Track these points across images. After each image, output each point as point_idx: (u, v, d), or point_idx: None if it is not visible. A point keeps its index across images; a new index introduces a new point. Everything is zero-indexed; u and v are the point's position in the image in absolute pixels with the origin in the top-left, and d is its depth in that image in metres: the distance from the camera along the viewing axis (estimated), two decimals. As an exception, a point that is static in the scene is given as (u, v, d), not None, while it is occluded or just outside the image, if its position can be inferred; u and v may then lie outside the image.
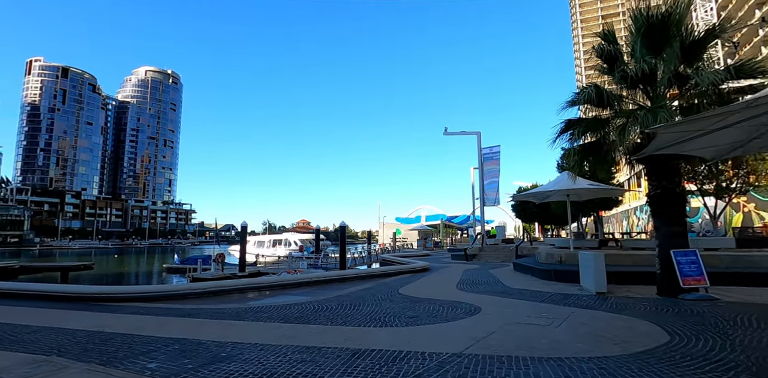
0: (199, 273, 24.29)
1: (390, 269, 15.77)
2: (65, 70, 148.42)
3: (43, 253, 66.76)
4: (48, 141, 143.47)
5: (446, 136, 25.46)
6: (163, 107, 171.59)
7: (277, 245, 43.00)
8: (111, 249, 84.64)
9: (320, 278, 12.42)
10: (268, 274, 26.15)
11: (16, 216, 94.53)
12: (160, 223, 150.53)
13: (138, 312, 7.56)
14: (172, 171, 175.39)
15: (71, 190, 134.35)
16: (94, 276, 27.57)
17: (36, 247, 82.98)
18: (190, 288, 9.30)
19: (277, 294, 10.60)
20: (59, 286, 9.02)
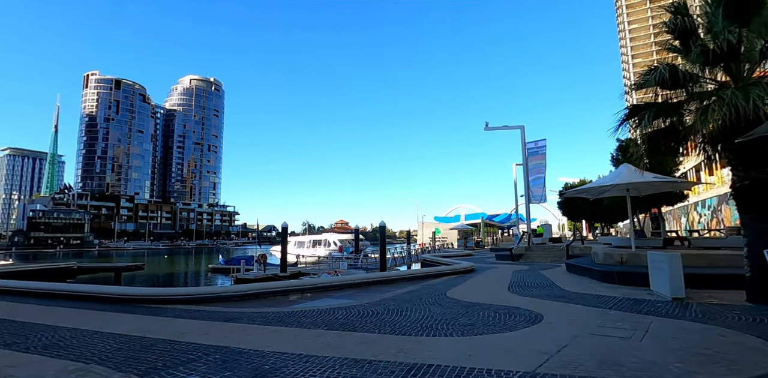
0: (243, 273, 24.69)
1: (434, 270, 15.15)
2: (118, 82, 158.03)
3: (102, 254, 71.24)
4: (104, 149, 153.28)
5: (488, 131, 24.48)
6: (206, 114, 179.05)
7: (317, 245, 43.36)
8: (162, 250, 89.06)
9: (363, 280, 12.01)
10: (308, 274, 26.21)
11: (78, 219, 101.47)
12: (206, 224, 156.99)
13: (181, 315, 7.42)
14: (216, 174, 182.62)
15: (125, 195, 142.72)
16: (145, 276, 28.78)
17: (95, 248, 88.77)
18: (233, 290, 9.14)
19: (320, 296, 10.28)
20: (109, 288, 9.12)
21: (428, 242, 51.01)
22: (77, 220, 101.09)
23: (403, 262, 31.30)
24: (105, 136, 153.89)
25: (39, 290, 10.04)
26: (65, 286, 9.81)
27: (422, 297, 9.23)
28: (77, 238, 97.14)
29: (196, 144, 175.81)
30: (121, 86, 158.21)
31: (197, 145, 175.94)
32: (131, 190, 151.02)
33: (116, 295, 8.89)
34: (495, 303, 8.09)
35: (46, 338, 5.67)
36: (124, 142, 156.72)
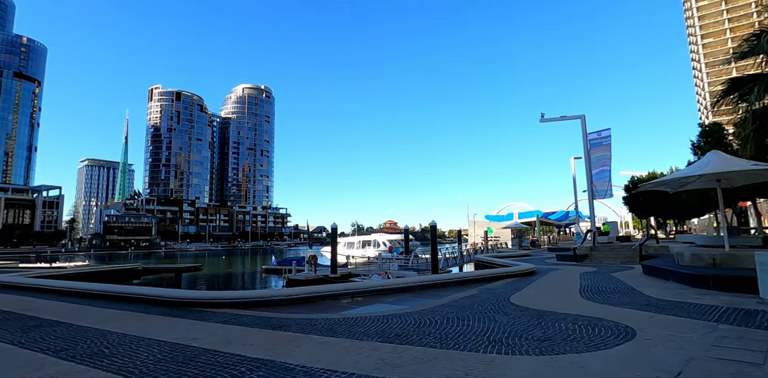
0: (294, 274, 24.83)
1: (491, 273, 14.12)
2: (178, 94, 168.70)
3: (167, 255, 75.97)
4: (168, 157, 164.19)
5: (544, 123, 22.84)
6: (258, 120, 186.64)
7: (366, 246, 43.20)
8: (220, 251, 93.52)
9: (416, 284, 11.30)
10: (359, 275, 25.92)
11: (146, 223, 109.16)
12: (260, 226, 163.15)
13: (229, 321, 7.12)
14: (268, 178, 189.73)
15: (187, 199, 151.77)
16: (204, 276, 29.94)
17: (162, 249, 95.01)
18: (282, 294, 8.82)
19: (372, 301, 9.71)
20: (164, 291, 9.12)
21: (480, 242, 49.28)
22: (146, 224, 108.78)
23: (455, 262, 30.22)
24: (168, 145, 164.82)
25: (103, 292, 10.30)
26: (126, 288, 9.97)
27: (483, 303, 8.37)
28: (146, 240, 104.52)
29: (250, 149, 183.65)
30: (181, 98, 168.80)
31: (251, 151, 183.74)
32: (192, 195, 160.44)
33: (170, 299, 8.84)
34: (570, 312, 7.08)
35: (95, 345, 5.51)
36: (185, 150, 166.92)
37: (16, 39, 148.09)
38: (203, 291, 8.73)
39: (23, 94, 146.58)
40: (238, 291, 9.12)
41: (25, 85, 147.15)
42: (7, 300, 10.21)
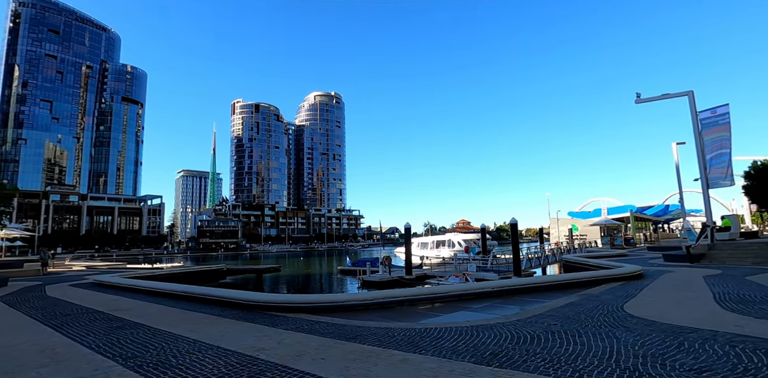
0: (368, 275, 24.48)
1: (588, 276, 12.33)
2: (257, 106, 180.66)
3: (252, 256, 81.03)
4: (250, 165, 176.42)
5: (640, 103, 19.97)
6: (330, 125, 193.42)
7: (440, 246, 41.89)
8: (299, 252, 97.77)
9: (501, 288, 10.04)
10: (435, 277, 24.84)
11: (233, 227, 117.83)
12: (335, 228, 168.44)
13: (301, 328, 6.56)
14: (341, 181, 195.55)
15: (268, 204, 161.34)
16: (283, 277, 30.87)
17: (247, 251, 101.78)
18: (357, 299, 8.15)
19: (454, 308, 8.69)
20: (239, 294, 8.94)
21: (564, 241, 45.50)
22: (232, 228, 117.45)
23: (538, 263, 27.84)
24: (250, 154, 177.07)
25: (185, 293, 10.48)
26: (205, 290, 10.02)
27: (591, 313, 6.96)
28: (233, 242, 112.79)
29: (323, 154, 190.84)
30: (259, 109, 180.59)
31: (324, 156, 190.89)
32: (272, 200, 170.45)
33: (244, 301, 8.62)
34: (718, 328, 5.48)
35: (164, 352, 5.20)
36: (265, 158, 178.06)
37: (122, 68, 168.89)
38: (277, 294, 8.39)
39: (129, 116, 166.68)
40: (311, 295, 8.61)
41: (130, 107, 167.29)
42: (102, 299, 10.80)
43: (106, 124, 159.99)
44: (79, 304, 9.87)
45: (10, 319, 8.05)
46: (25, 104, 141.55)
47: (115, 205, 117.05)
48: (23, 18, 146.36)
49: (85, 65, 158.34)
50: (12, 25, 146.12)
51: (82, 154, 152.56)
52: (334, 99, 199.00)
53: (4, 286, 15.25)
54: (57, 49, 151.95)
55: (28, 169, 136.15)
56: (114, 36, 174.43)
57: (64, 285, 15.41)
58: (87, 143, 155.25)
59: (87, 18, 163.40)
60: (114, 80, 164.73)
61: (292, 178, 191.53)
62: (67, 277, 19.74)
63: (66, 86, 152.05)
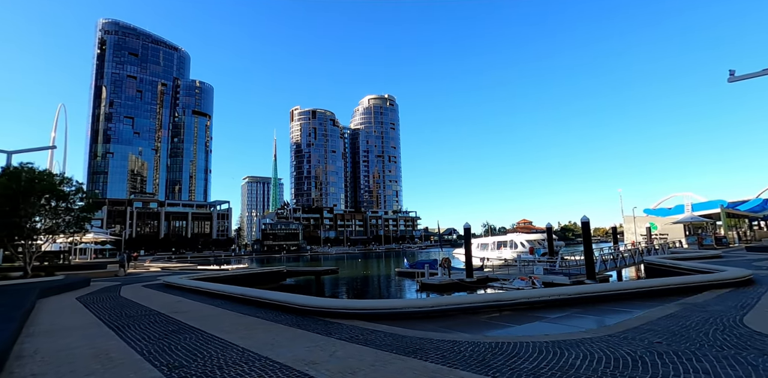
0: (427, 278, 23.67)
1: (684, 281, 10.65)
2: (314, 112, 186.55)
3: (312, 258, 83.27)
4: (308, 170, 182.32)
5: (733, 82, 17.36)
6: (384, 128, 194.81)
7: (501, 247, 39.99)
8: (357, 254, 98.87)
9: (581, 294, 8.82)
10: (497, 280, 23.47)
11: (294, 230, 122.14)
12: (392, 229, 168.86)
13: (356, 337, 5.99)
14: (397, 183, 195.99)
15: (326, 207, 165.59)
16: (341, 279, 30.93)
17: (307, 253, 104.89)
18: (416, 305, 7.44)
19: (526, 317, 7.70)
20: (294, 298, 8.62)
21: (641, 240, 41.48)
22: (294, 230, 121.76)
23: (614, 265, 25.36)
24: (308, 159, 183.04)
25: (243, 296, 10.42)
26: (262, 293, 9.87)
27: (702, 329, 5.70)
28: (294, 244, 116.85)
29: (378, 157, 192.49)
30: (316, 115, 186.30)
31: (379, 158, 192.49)
32: (330, 203, 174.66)
33: (299, 306, 8.26)
34: None
35: (211, 362, 4.86)
36: (322, 163, 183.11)
37: (192, 83, 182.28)
38: (332, 299, 7.94)
39: (199, 127, 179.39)
40: (367, 301, 8.05)
41: (200, 119, 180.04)
42: (167, 301, 11.05)
43: (179, 136, 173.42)
44: (145, 306, 10.12)
45: (80, 319, 8.32)
46: (111, 121, 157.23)
47: (189, 210, 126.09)
48: (108, 44, 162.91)
49: (160, 83, 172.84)
50: (99, 51, 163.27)
51: (159, 164, 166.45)
52: (387, 101, 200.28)
53: (87, 286, 16.41)
54: (136, 70, 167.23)
55: (115, 180, 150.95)
56: (184, 54, 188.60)
57: (138, 285, 16.27)
58: (163, 154, 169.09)
59: (161, 40, 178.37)
60: (185, 95, 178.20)
61: (348, 181, 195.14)
62: (143, 278, 21.03)
63: (145, 103, 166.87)
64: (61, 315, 9.03)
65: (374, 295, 23.98)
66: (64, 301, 11.44)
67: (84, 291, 14.55)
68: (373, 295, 23.72)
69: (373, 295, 24.04)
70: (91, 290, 14.86)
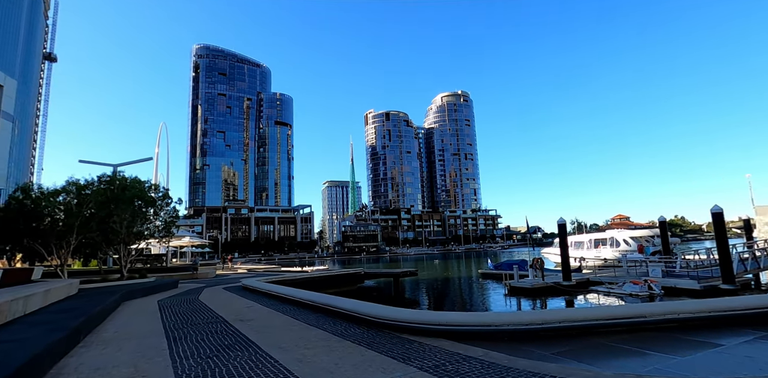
0: (517, 281, 21.19)
1: None
2: (387, 115, 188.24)
3: (391, 259, 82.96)
4: (384, 172, 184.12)
5: None
6: (459, 125, 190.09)
7: (599, 245, 35.50)
8: (436, 254, 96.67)
9: (762, 307, 6.28)
10: (602, 283, 20.25)
11: (372, 231, 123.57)
12: (471, 229, 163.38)
13: (443, 367, 4.46)
14: (475, 181, 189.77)
15: (404, 208, 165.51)
16: (420, 281, 29.40)
17: (386, 254, 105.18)
18: (520, 322, 5.63)
19: (681, 343, 5.51)
20: (366, 308, 7.37)
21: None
22: (372, 232, 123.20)
23: (756, 266, 20.56)
24: (384, 161, 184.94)
25: (312, 302, 9.45)
26: (331, 300, 8.78)
27: None
28: (374, 246, 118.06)
29: (454, 155, 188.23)
30: (389, 117, 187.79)
31: (455, 156, 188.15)
32: (407, 204, 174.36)
33: (372, 318, 6.95)
34: None
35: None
36: (398, 164, 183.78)
37: (273, 96, 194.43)
38: (411, 311, 6.51)
39: (281, 137, 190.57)
40: (456, 314, 6.45)
41: (282, 129, 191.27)
42: (238, 306, 10.47)
43: (264, 146, 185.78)
44: (214, 312, 9.58)
45: (145, 326, 7.86)
46: (206, 136, 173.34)
47: (275, 215, 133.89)
48: (201, 67, 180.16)
49: (246, 98, 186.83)
50: (194, 74, 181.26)
51: (248, 173, 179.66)
52: (461, 98, 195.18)
53: (175, 288, 16.91)
54: (225, 88, 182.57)
55: (212, 189, 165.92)
56: (266, 70, 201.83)
57: (219, 288, 16.35)
58: (251, 164, 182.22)
59: (245, 58, 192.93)
60: (268, 107, 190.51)
61: (425, 181, 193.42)
62: (228, 280, 21.53)
63: (233, 118, 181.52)
64: (131, 320, 8.75)
65: (457, 298, 22.12)
66: (144, 304, 11.46)
67: (169, 293, 14.84)
68: (456, 299, 21.87)
69: (456, 298, 22.19)
70: (176, 292, 15.15)
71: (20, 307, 6.80)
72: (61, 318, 6.60)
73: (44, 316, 6.86)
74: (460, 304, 19.90)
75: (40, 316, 7.00)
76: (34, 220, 12.91)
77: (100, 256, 17.62)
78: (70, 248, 14.14)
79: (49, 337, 5.00)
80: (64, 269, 14.23)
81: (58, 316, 6.85)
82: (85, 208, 14.25)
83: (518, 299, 19.33)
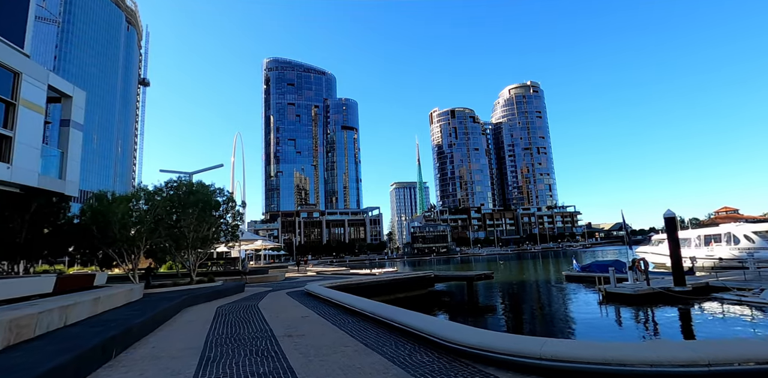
0: (614, 286, 18.13)
1: None
2: (452, 112, 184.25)
3: (462, 260, 79.74)
4: (452, 170, 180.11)
5: None
6: (529, 118, 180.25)
7: (712, 243, 30.20)
8: (510, 255, 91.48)
9: None
10: (728, 289, 16.53)
11: (442, 231, 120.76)
12: (547, 227, 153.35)
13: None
14: (549, 176, 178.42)
15: (473, 207, 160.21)
16: (497, 285, 26.92)
17: (457, 255, 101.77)
18: (674, 361, 3.66)
19: None
20: (435, 327, 5.89)
21: None
22: (442, 232, 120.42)
23: None
24: (450, 159, 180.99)
25: (374, 315, 8.10)
26: (395, 315, 7.40)
27: None
28: (444, 246, 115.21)
29: (525, 149, 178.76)
30: (455, 114, 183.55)
31: (526, 151, 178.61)
32: (477, 202, 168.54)
33: (448, 342, 5.37)
34: None
35: None
36: (465, 162, 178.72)
37: (339, 101, 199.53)
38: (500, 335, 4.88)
39: (348, 141, 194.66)
40: (566, 343, 4.64)
41: (348, 133, 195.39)
42: (293, 316, 9.44)
43: (332, 151, 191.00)
44: (266, 323, 8.61)
45: (186, 341, 7.02)
46: (279, 145, 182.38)
47: (345, 218, 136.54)
48: (271, 79, 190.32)
49: (314, 105, 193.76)
50: (265, 86, 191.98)
51: (318, 178, 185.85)
52: (531, 89, 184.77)
53: (241, 292, 16.62)
54: (294, 97, 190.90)
55: (285, 194, 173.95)
56: (331, 77, 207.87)
57: (283, 293, 15.72)
58: (321, 169, 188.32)
59: (311, 67, 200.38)
60: (334, 113, 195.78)
61: (495, 179, 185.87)
62: (295, 283, 21.10)
63: (302, 125, 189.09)
64: (178, 331, 8.04)
65: (539, 307, 19.54)
66: (202, 311, 10.93)
67: (233, 298, 14.46)
68: (538, 308, 19.32)
69: (538, 307, 19.62)
70: (240, 297, 14.75)
71: (56, 318, 6.26)
72: (93, 332, 5.89)
73: (78, 329, 6.24)
74: (546, 313, 17.42)
75: (77, 328, 6.40)
76: (105, 227, 13.11)
77: (178, 260, 17.93)
78: (140, 253, 14.30)
79: (46, 364, 4.12)
80: (135, 274, 14.42)
81: (92, 329, 6.19)
82: (152, 213, 14.33)
83: (617, 308, 16.43)
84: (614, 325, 14.16)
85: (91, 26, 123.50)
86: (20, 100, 10.59)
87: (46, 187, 11.26)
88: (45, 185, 11.17)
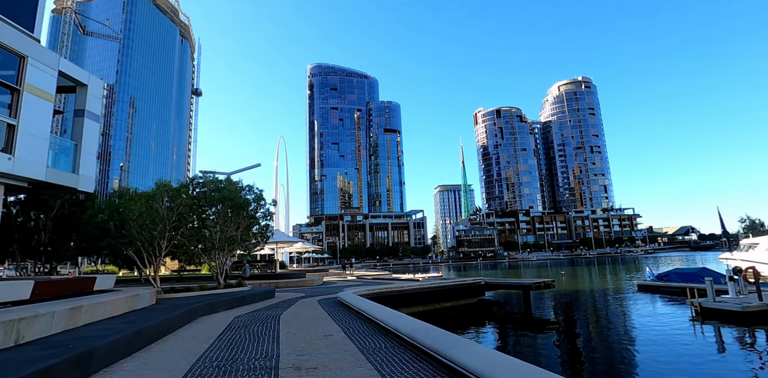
0: (712, 300, 14.91)
1: None
2: (498, 112, 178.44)
3: (511, 265, 75.24)
4: (498, 172, 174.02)
5: None
6: (581, 115, 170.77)
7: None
8: (562, 260, 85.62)
9: None
10: None
11: (488, 235, 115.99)
12: (603, 231, 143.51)
13: None
14: (604, 176, 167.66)
15: (521, 210, 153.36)
16: (558, 296, 23.90)
17: (505, 259, 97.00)
18: None
19: None
20: (498, 367, 3.69)
21: None
22: (488, 236, 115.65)
23: None
24: (497, 160, 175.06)
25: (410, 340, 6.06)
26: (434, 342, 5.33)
27: None
28: (490, 251, 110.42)
29: (577, 149, 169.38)
30: (500, 114, 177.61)
31: (578, 150, 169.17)
32: (525, 205, 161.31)
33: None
34: None
35: None
36: (512, 163, 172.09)
37: (381, 104, 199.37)
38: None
39: (391, 144, 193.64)
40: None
41: (391, 136, 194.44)
42: (313, 333, 7.63)
43: (375, 154, 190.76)
44: (277, 344, 6.87)
45: (174, 362, 5.37)
46: (322, 149, 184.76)
47: (389, 221, 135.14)
48: (315, 85, 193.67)
49: (356, 109, 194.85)
50: (309, 92, 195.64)
51: (361, 181, 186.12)
52: (582, 84, 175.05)
53: (271, 298, 15.19)
54: (337, 101, 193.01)
55: (329, 198, 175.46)
56: (373, 80, 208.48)
57: (314, 301, 14.07)
58: (364, 172, 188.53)
59: (353, 71, 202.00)
60: (376, 116, 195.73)
61: (544, 180, 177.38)
62: (331, 289, 19.51)
63: (345, 129, 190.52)
64: (173, 350, 6.47)
65: (614, 325, 16.58)
66: (213, 323, 9.42)
67: (257, 305, 12.99)
68: (613, 327, 16.37)
69: (612, 325, 16.66)
70: (266, 304, 13.26)
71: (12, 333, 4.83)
72: (27, 359, 4.36)
73: (16, 355, 4.73)
74: (621, 332, 14.53)
75: (21, 352, 4.91)
76: (122, 225, 12.08)
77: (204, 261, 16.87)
78: (161, 255, 13.20)
79: None
80: (157, 277, 13.34)
81: (38, 353, 4.69)
82: (176, 211, 13.19)
83: (717, 328, 13.31)
84: (719, 353, 11.11)
85: (149, 41, 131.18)
86: (25, 86, 9.58)
87: (56, 181, 10.24)
88: (55, 179, 10.15)
